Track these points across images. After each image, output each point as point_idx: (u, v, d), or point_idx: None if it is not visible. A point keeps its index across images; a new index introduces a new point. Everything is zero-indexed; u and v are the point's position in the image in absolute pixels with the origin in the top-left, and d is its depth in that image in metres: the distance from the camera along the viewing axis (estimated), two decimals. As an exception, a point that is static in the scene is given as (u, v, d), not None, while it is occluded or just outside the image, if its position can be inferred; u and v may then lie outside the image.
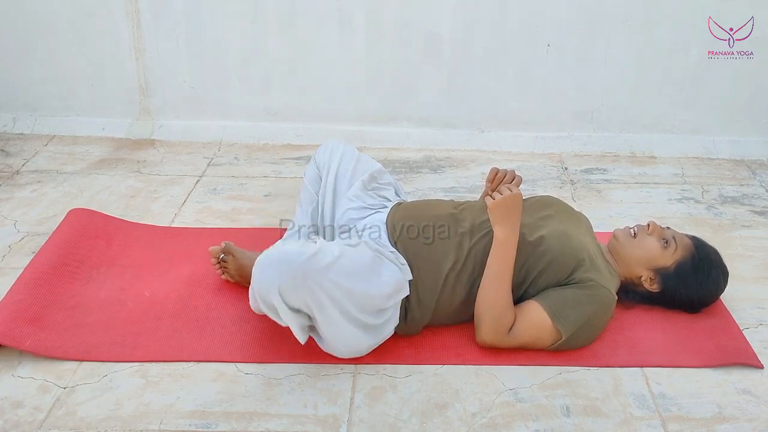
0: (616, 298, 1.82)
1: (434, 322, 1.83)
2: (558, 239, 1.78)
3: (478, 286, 1.77)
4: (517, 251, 1.76)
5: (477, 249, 1.79)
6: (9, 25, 2.97)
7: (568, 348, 1.75)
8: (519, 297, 1.79)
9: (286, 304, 1.59)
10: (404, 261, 1.78)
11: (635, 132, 2.99)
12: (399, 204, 1.99)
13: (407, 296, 1.76)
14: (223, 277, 2.02)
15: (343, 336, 1.67)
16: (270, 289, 1.57)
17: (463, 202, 1.97)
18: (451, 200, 2.03)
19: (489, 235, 1.79)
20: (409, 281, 1.77)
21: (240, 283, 1.99)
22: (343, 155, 2.11)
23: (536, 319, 1.72)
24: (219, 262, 2.00)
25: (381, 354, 1.76)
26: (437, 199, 2.12)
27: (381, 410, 1.61)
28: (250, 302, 1.75)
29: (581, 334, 1.73)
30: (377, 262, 1.72)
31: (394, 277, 1.72)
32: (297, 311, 1.62)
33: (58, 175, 2.73)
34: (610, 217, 2.45)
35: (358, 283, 1.64)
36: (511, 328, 1.73)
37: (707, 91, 2.92)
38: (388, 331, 1.74)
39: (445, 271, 1.78)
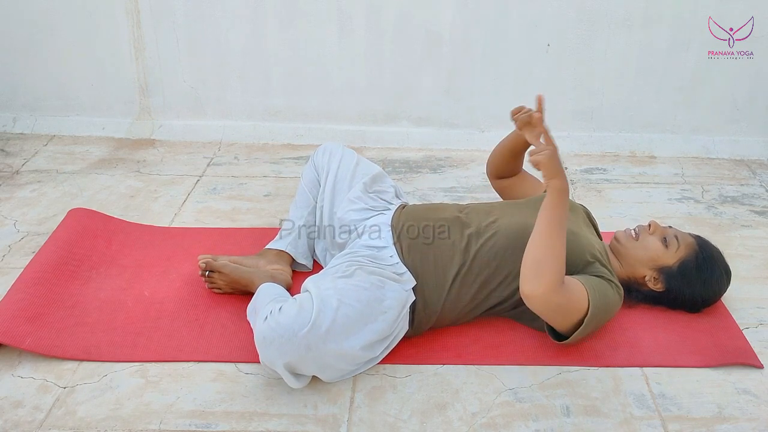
0: (622, 294, 1.80)
1: (438, 324, 1.83)
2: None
3: (483, 288, 1.76)
4: (522, 250, 1.74)
5: (483, 251, 1.78)
6: (9, 25, 2.97)
7: (580, 336, 1.68)
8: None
9: (292, 374, 1.60)
10: (404, 269, 1.77)
11: (635, 132, 2.99)
12: (403, 207, 1.99)
13: (413, 301, 1.75)
14: (214, 291, 1.99)
15: (339, 376, 1.68)
16: (275, 364, 1.58)
17: (467, 205, 1.96)
18: (456, 203, 2.02)
19: (495, 237, 1.79)
20: (414, 286, 1.76)
21: (233, 293, 1.98)
22: (342, 158, 2.11)
23: (580, 293, 1.64)
24: (205, 278, 1.98)
25: (381, 354, 1.76)
26: (442, 203, 2.11)
27: (381, 410, 1.61)
28: (247, 312, 1.82)
29: (596, 320, 1.67)
30: (378, 288, 1.68)
31: (396, 298, 1.70)
32: (302, 375, 1.64)
33: (58, 175, 2.73)
34: (610, 217, 2.45)
35: (362, 328, 1.63)
36: (564, 286, 1.61)
37: (707, 91, 2.92)
38: (380, 355, 1.73)
39: (451, 275, 1.77)
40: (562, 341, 1.71)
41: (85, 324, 1.86)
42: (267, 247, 2.10)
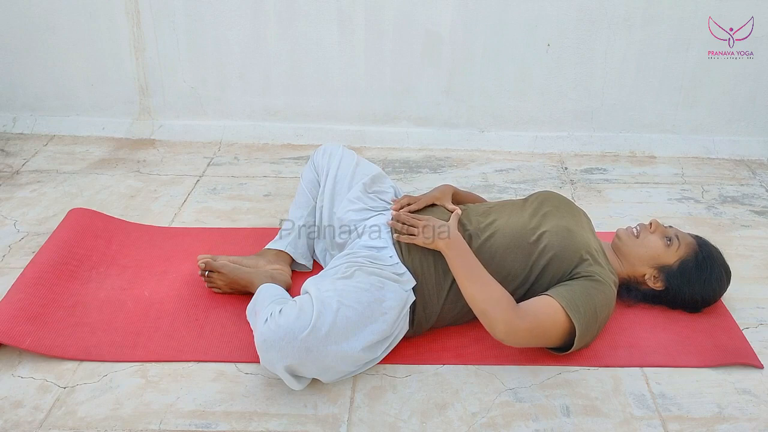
0: (616, 292, 1.80)
1: (438, 324, 1.83)
2: (560, 235, 1.77)
3: None
4: (520, 250, 1.76)
5: (482, 251, 1.78)
6: (9, 24, 2.97)
7: (579, 346, 1.69)
8: (524, 294, 1.77)
9: (293, 375, 1.61)
10: (403, 269, 1.77)
11: (635, 132, 3.00)
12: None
13: (413, 301, 1.75)
14: (214, 291, 2.00)
15: (339, 377, 1.68)
16: (276, 367, 1.58)
17: (466, 205, 1.96)
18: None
19: (494, 237, 1.79)
20: (414, 286, 1.76)
21: (232, 293, 1.98)
22: (342, 158, 2.11)
23: (549, 308, 1.65)
24: (205, 278, 1.98)
25: (381, 354, 1.76)
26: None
27: (381, 410, 1.62)
28: (247, 312, 1.82)
29: (590, 327, 1.68)
30: (378, 290, 1.69)
31: (396, 299, 1.70)
32: (302, 376, 1.64)
33: (58, 175, 2.73)
34: (610, 217, 2.45)
35: (362, 330, 1.63)
36: (520, 309, 1.64)
37: (707, 91, 2.92)
38: (381, 355, 1.74)
39: (451, 275, 1.76)
40: (563, 352, 1.72)
41: (85, 324, 1.86)
42: (267, 247, 2.10)
